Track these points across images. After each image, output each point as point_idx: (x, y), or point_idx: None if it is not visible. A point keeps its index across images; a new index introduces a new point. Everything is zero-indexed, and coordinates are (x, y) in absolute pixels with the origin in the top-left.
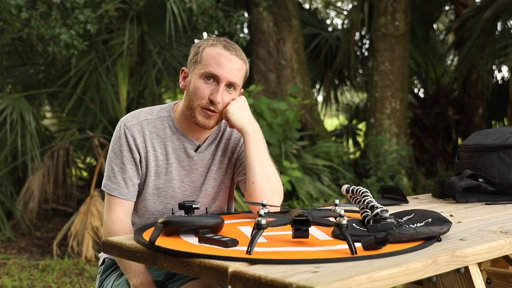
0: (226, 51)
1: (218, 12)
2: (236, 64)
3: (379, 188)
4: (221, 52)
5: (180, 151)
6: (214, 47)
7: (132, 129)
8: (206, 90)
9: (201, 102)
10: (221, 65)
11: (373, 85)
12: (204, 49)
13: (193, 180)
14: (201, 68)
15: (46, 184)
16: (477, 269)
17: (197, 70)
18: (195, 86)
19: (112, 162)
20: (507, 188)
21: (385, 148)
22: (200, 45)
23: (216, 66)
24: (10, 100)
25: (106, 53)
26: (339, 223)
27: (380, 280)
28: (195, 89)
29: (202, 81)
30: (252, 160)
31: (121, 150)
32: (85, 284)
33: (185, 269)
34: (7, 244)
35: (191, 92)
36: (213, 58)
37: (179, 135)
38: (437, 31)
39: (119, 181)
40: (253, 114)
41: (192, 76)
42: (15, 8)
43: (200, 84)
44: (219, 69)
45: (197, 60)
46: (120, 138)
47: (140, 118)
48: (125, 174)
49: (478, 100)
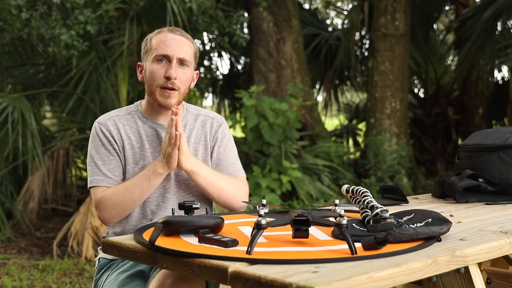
0: (171, 33)
1: (218, 12)
2: (183, 43)
3: (379, 188)
4: (167, 35)
5: (153, 137)
6: (160, 33)
7: (106, 123)
8: (161, 70)
9: (158, 82)
10: (169, 45)
11: (373, 85)
12: (151, 38)
13: None
14: (152, 53)
15: (46, 184)
16: (477, 269)
17: (149, 57)
18: (150, 70)
19: (94, 159)
20: (507, 188)
21: (385, 148)
22: (148, 37)
23: (164, 46)
24: (11, 99)
25: (106, 53)
26: (339, 223)
27: (380, 280)
28: (150, 73)
29: (155, 64)
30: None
31: (100, 144)
32: (85, 284)
33: (185, 269)
34: (7, 244)
35: (148, 78)
36: (160, 42)
37: (150, 123)
38: (437, 31)
39: (105, 172)
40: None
41: (146, 64)
42: (15, 8)
43: (154, 67)
44: (168, 48)
45: (147, 49)
46: (97, 134)
47: (111, 115)
48: (109, 165)
49: (478, 100)
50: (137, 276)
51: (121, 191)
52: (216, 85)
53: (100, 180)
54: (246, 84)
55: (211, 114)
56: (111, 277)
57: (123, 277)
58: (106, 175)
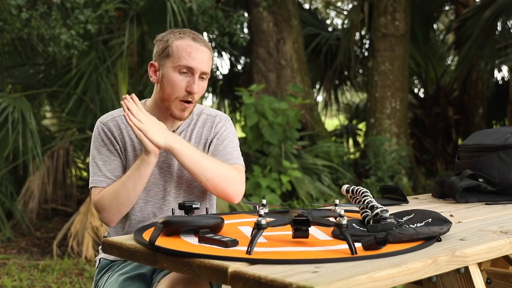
0: (195, 43)
1: (218, 12)
2: (206, 54)
3: (379, 188)
4: (191, 44)
5: None
6: (183, 39)
7: (108, 124)
8: (183, 83)
9: (178, 94)
10: (194, 57)
11: (373, 85)
12: (173, 43)
13: (170, 165)
14: (175, 62)
15: (46, 184)
16: (477, 269)
17: (169, 64)
18: (171, 79)
19: (96, 159)
20: (507, 188)
21: (385, 148)
22: (168, 38)
23: (190, 58)
24: (11, 99)
25: (106, 53)
26: (339, 223)
27: (380, 280)
28: (171, 83)
29: (177, 74)
30: (188, 166)
31: (102, 145)
32: (85, 284)
33: (185, 269)
34: (7, 244)
35: (166, 86)
36: (184, 51)
37: None
38: (437, 31)
39: (105, 173)
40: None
41: (165, 70)
42: (15, 8)
43: (175, 77)
44: (193, 61)
45: (168, 53)
46: (99, 134)
47: (114, 115)
48: (110, 166)
49: (478, 100)
50: (138, 279)
51: (115, 187)
52: (216, 85)
53: (100, 180)
54: (246, 84)
55: (214, 113)
56: (111, 278)
57: (123, 278)
58: (106, 176)
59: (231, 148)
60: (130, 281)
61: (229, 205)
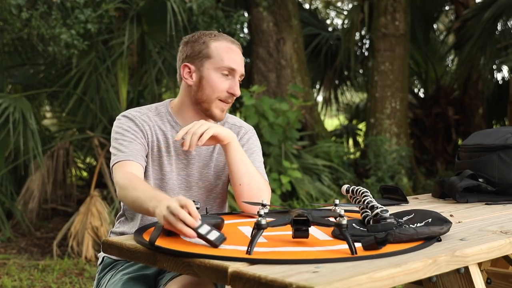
0: (234, 45)
1: (218, 12)
2: (242, 56)
3: (379, 188)
4: (231, 47)
5: (179, 145)
6: (221, 41)
7: (140, 117)
8: (224, 84)
9: (219, 95)
10: (235, 59)
11: (373, 85)
12: (210, 43)
13: (189, 174)
14: (216, 63)
15: (46, 184)
16: (477, 269)
17: (209, 65)
18: (213, 81)
19: (119, 140)
20: (507, 188)
21: (385, 148)
22: (203, 40)
23: (232, 61)
24: (12, 100)
25: (106, 53)
26: (339, 223)
27: (380, 280)
28: (213, 84)
29: (219, 75)
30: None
31: (129, 129)
32: (85, 284)
33: (185, 269)
34: (7, 244)
35: (206, 87)
36: (226, 53)
37: (178, 128)
38: (437, 31)
39: (131, 149)
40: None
41: (205, 71)
42: (15, 8)
43: (218, 79)
44: (235, 63)
45: (207, 55)
46: (127, 121)
47: (142, 112)
48: (136, 146)
49: (478, 100)
50: (142, 280)
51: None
52: None
53: (125, 155)
54: (246, 84)
55: (238, 123)
56: (115, 277)
57: (126, 279)
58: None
59: (259, 162)
60: (132, 281)
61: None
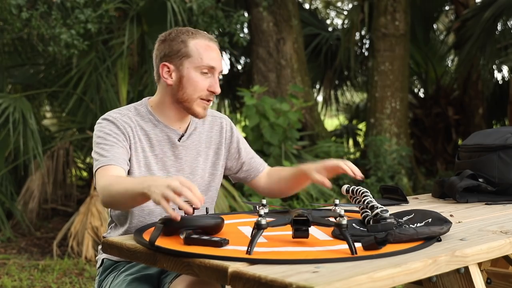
0: (211, 43)
1: (218, 12)
2: (219, 53)
3: (379, 188)
4: (209, 44)
5: (164, 142)
6: (199, 39)
7: (121, 119)
8: (205, 82)
9: (200, 94)
10: (214, 57)
11: (373, 85)
12: (189, 42)
13: (179, 169)
14: (196, 62)
15: (46, 184)
16: (477, 269)
17: (189, 64)
18: (193, 80)
19: (101, 144)
20: (507, 188)
21: (385, 148)
22: (181, 38)
23: (211, 59)
24: (12, 100)
25: (106, 53)
26: (339, 223)
27: (380, 280)
28: (193, 83)
29: (199, 74)
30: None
31: (110, 133)
32: (85, 284)
33: (185, 269)
34: (7, 244)
35: (187, 86)
36: (205, 51)
37: (161, 126)
38: (437, 31)
39: (113, 154)
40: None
41: (184, 71)
42: (15, 8)
43: (198, 77)
44: (214, 61)
45: (186, 53)
46: (108, 125)
47: (123, 113)
48: (118, 149)
49: (478, 100)
50: (145, 280)
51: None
52: None
53: (106, 159)
54: (246, 84)
55: (216, 113)
56: (118, 279)
57: (130, 280)
58: (113, 155)
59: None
60: (137, 282)
61: (229, 205)
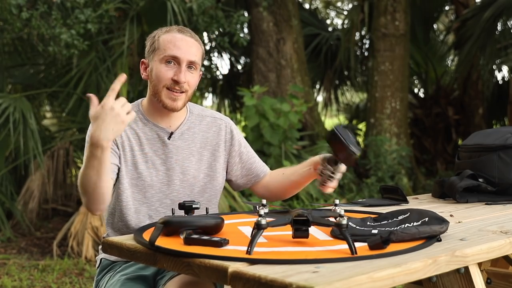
0: (181, 34)
1: (218, 12)
2: (193, 44)
3: (379, 188)
4: (176, 35)
5: (154, 140)
6: (169, 33)
7: None
8: (169, 72)
9: (165, 83)
10: (179, 47)
11: (373, 85)
12: (159, 37)
13: (169, 168)
14: (160, 54)
15: (46, 184)
16: (477, 269)
17: (156, 57)
18: (157, 71)
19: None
20: (507, 188)
21: (385, 148)
22: (155, 34)
23: (175, 48)
24: (12, 100)
25: (106, 53)
26: (339, 223)
27: (380, 280)
28: (157, 74)
29: (163, 65)
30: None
31: None
32: (85, 284)
33: (185, 269)
34: (7, 244)
35: (154, 78)
36: (170, 42)
37: (150, 125)
38: (437, 31)
39: None
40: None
41: (153, 64)
42: (15, 8)
43: (162, 68)
44: (178, 50)
45: (155, 48)
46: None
47: None
48: None
49: (478, 100)
50: (140, 281)
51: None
52: (216, 85)
53: None
54: (246, 84)
55: (217, 115)
56: (113, 279)
57: (125, 279)
58: None
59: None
60: (131, 282)
61: (229, 205)
